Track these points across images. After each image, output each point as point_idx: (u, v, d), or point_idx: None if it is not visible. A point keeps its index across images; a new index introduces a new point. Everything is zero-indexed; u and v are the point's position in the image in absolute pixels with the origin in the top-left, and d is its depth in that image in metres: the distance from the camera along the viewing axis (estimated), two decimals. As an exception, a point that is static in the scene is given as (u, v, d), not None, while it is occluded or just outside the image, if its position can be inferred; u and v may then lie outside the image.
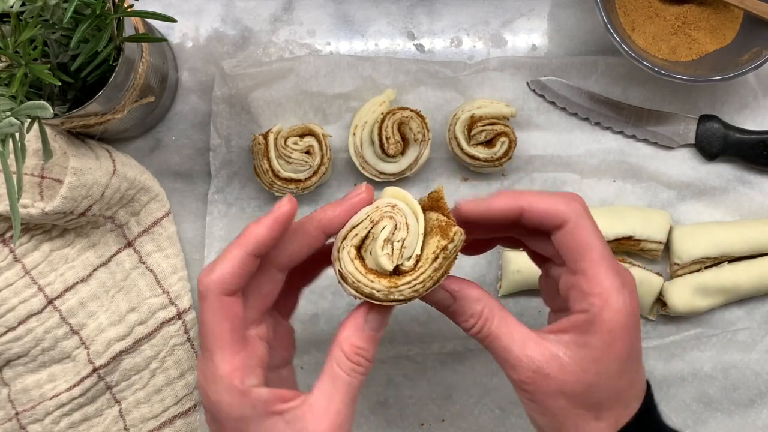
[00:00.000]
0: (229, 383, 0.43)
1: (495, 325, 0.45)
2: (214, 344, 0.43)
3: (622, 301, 0.44)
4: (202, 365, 0.44)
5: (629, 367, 0.45)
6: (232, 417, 0.43)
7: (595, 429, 0.44)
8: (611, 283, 0.44)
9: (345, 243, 0.46)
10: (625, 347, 0.44)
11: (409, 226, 0.45)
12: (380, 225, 0.45)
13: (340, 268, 0.45)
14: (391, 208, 0.46)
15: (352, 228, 0.46)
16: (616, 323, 0.43)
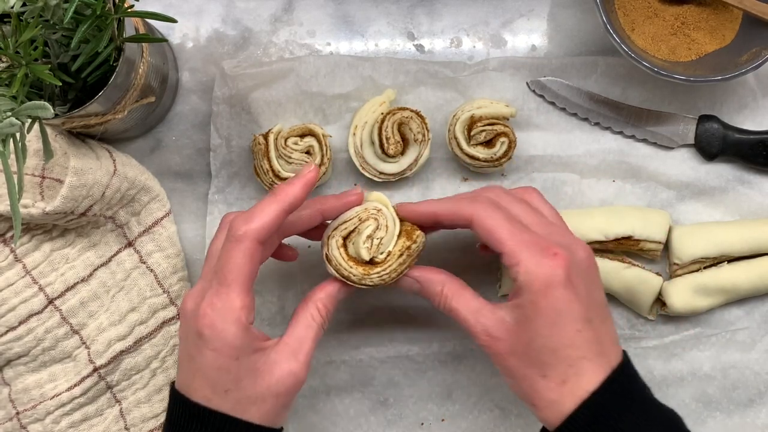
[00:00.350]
0: (238, 317, 0.51)
1: (454, 301, 0.54)
2: (235, 281, 0.51)
3: (534, 264, 0.50)
4: (215, 297, 0.51)
5: (562, 327, 0.49)
6: (231, 345, 0.50)
7: (544, 387, 0.50)
8: (526, 254, 0.50)
9: (335, 233, 0.58)
10: (550, 307, 0.49)
11: (388, 228, 0.57)
12: (366, 223, 0.57)
13: (327, 251, 0.57)
14: (377, 211, 0.58)
15: (343, 222, 0.58)
16: (537, 285, 0.49)
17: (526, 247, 0.50)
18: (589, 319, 0.50)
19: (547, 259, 0.50)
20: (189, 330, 0.52)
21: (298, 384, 0.53)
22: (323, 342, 0.68)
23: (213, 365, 0.51)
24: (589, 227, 0.65)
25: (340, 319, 0.68)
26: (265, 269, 0.68)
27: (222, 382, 0.51)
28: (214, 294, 0.51)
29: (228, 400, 0.51)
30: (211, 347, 0.50)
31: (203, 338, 0.51)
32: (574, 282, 0.50)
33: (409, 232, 0.58)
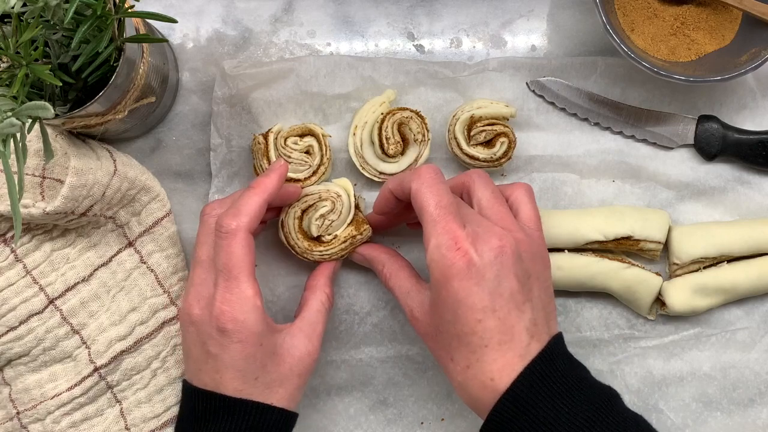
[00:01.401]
0: (254, 304, 0.54)
1: (391, 281, 0.60)
2: (242, 272, 0.54)
3: (438, 254, 0.51)
4: (227, 292, 0.54)
5: (461, 315, 0.51)
6: (255, 332, 0.54)
7: (452, 369, 0.53)
8: (434, 241, 0.52)
9: (297, 203, 0.64)
10: (450, 296, 0.51)
11: (341, 214, 0.64)
12: (323, 203, 0.64)
13: (284, 218, 0.64)
14: (337, 196, 0.64)
15: (306, 195, 0.64)
16: (437, 274, 0.51)
17: (440, 233, 0.52)
18: (492, 309, 0.50)
19: (450, 252, 0.51)
20: (205, 331, 0.55)
21: (314, 364, 0.58)
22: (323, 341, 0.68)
23: (241, 356, 0.54)
24: (588, 227, 0.65)
25: (340, 319, 0.68)
26: (266, 269, 0.68)
27: (251, 370, 0.54)
28: (225, 290, 0.54)
29: (257, 387, 0.55)
30: (236, 339, 0.54)
31: (227, 333, 0.54)
32: (480, 272, 0.50)
33: (359, 223, 0.64)
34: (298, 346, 0.57)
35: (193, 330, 0.56)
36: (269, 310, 0.68)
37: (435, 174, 0.55)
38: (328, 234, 0.64)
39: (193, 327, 0.56)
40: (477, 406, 0.52)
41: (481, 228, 0.52)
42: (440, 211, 0.52)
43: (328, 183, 0.66)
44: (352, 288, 0.68)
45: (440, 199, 0.53)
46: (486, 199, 0.56)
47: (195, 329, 0.56)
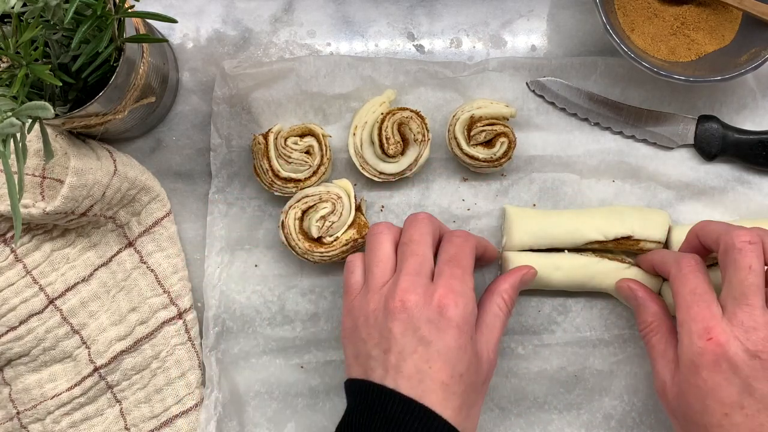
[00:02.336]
0: (473, 297, 0.56)
1: (655, 339, 0.58)
2: (468, 268, 0.56)
3: (689, 340, 0.52)
4: (453, 279, 0.55)
5: (711, 406, 0.51)
6: (471, 323, 0.55)
7: None
8: (687, 325, 0.53)
9: (297, 204, 0.64)
10: (700, 384, 0.51)
11: (341, 216, 0.64)
12: (323, 204, 0.64)
13: (284, 218, 0.64)
14: (338, 198, 0.64)
15: (306, 196, 0.64)
16: (687, 360, 0.52)
17: (692, 318, 0.52)
18: (741, 406, 0.50)
19: (701, 341, 0.51)
20: (421, 317, 0.53)
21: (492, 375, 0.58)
22: (323, 342, 0.68)
23: (455, 344, 0.53)
24: (588, 227, 0.65)
25: (340, 319, 0.68)
26: (266, 269, 0.68)
27: (460, 364, 0.53)
28: (451, 277, 0.55)
29: (461, 385, 0.53)
30: (454, 324, 0.53)
31: (446, 318, 0.53)
32: (732, 366, 0.51)
33: (361, 227, 0.64)
34: (485, 352, 0.56)
35: (404, 317, 0.53)
36: (268, 309, 0.68)
37: (696, 263, 0.56)
38: (329, 235, 0.64)
39: (405, 314, 0.53)
40: None
41: (746, 322, 0.51)
42: (694, 297, 0.53)
43: (328, 184, 0.66)
44: (352, 288, 0.68)
45: (697, 287, 0.54)
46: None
47: (407, 317, 0.53)
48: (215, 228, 0.68)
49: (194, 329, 0.68)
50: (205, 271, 0.68)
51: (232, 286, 0.68)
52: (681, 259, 0.57)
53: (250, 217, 0.69)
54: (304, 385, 0.68)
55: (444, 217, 0.68)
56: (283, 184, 0.66)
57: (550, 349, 0.68)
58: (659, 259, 0.61)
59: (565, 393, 0.67)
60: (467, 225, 0.68)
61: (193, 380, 0.67)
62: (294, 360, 0.68)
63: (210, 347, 0.67)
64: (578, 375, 0.67)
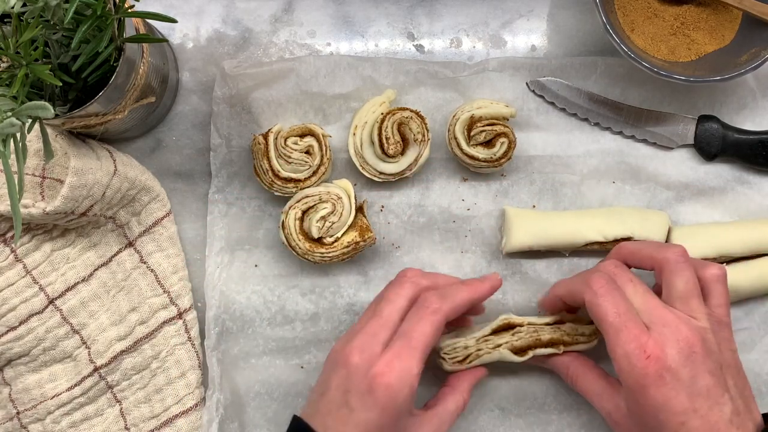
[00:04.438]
0: (413, 383, 0.54)
1: (579, 382, 0.60)
2: (419, 349, 0.54)
3: (627, 365, 0.52)
4: (396, 358, 0.53)
5: (664, 421, 0.52)
6: (400, 409, 0.53)
7: None
8: (621, 349, 0.53)
9: (297, 205, 0.64)
10: (648, 404, 0.52)
11: (341, 216, 0.64)
12: (323, 205, 0.64)
13: (284, 219, 0.64)
14: (338, 198, 0.64)
15: (306, 196, 0.64)
16: (632, 384, 0.53)
17: (625, 342, 0.53)
18: (693, 410, 0.51)
19: (640, 361, 0.52)
20: (354, 382, 0.53)
21: None
22: (323, 341, 0.68)
23: (375, 424, 0.52)
24: (588, 228, 0.65)
25: (340, 318, 0.68)
26: (266, 269, 0.68)
27: None
28: (396, 355, 0.53)
29: None
30: (381, 406, 0.52)
31: (374, 395, 0.52)
32: (674, 374, 0.51)
33: (363, 229, 0.65)
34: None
35: (343, 374, 0.54)
36: (268, 310, 0.68)
37: (606, 282, 0.56)
38: (329, 236, 0.64)
39: (344, 371, 0.54)
40: None
41: (666, 328, 0.53)
42: (620, 319, 0.53)
43: (328, 184, 0.66)
44: (352, 288, 0.68)
45: (617, 307, 0.54)
46: (680, 290, 0.55)
47: (346, 373, 0.54)
48: (215, 228, 0.68)
49: (194, 329, 0.68)
50: (205, 271, 0.68)
51: (232, 286, 0.68)
52: (590, 281, 0.56)
53: (250, 217, 0.69)
54: (304, 386, 0.68)
55: (444, 217, 0.68)
56: (283, 184, 0.66)
57: (550, 349, 0.68)
58: (565, 292, 0.61)
59: (565, 394, 0.67)
60: (467, 225, 0.68)
61: (193, 380, 0.67)
62: (294, 360, 0.68)
63: (211, 348, 0.67)
64: (578, 375, 0.68)
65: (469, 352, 0.60)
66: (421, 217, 0.69)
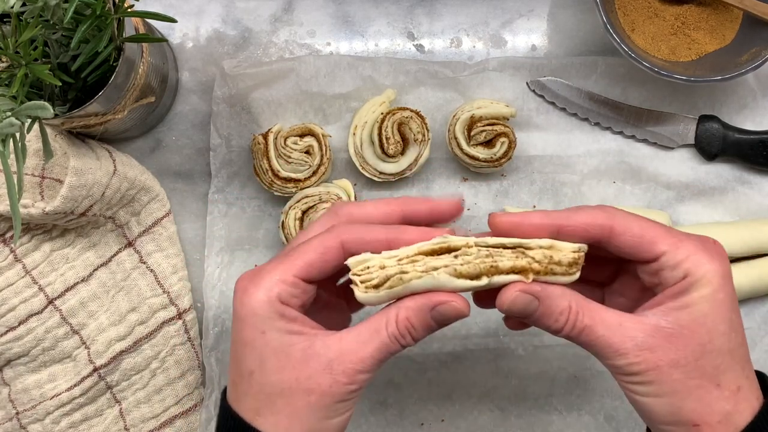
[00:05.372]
0: (269, 287, 0.44)
1: (587, 316, 0.44)
2: (291, 261, 0.44)
3: (707, 257, 0.43)
4: (261, 270, 0.45)
5: (736, 320, 0.44)
6: (256, 314, 0.44)
7: (717, 398, 0.43)
8: (691, 247, 0.43)
9: (297, 205, 0.64)
10: (728, 297, 0.43)
11: None
12: (323, 205, 0.64)
13: (284, 219, 0.64)
14: (338, 198, 0.64)
15: (305, 197, 0.64)
16: (715, 278, 0.43)
17: (686, 241, 0.44)
18: (738, 316, 0.45)
19: (715, 250, 0.44)
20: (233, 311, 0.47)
21: (339, 391, 0.43)
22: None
23: (241, 339, 0.45)
24: (589, 227, 0.65)
25: (340, 319, 0.68)
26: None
27: (248, 361, 0.44)
28: (267, 263, 0.46)
29: (252, 386, 0.44)
30: (238, 316, 0.45)
31: (235, 311, 0.45)
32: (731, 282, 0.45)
33: None
34: (321, 357, 0.44)
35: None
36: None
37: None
38: None
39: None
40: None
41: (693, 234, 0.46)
42: (659, 224, 0.45)
43: (328, 184, 0.66)
44: (351, 288, 0.68)
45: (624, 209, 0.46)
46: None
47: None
48: (215, 228, 0.68)
49: (194, 329, 0.68)
50: (205, 271, 0.68)
51: (231, 286, 0.68)
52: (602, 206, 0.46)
53: (250, 217, 0.69)
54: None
55: (444, 217, 0.68)
56: (283, 184, 0.66)
57: (550, 350, 0.67)
58: (582, 220, 0.45)
59: (565, 394, 0.67)
60: (468, 225, 0.68)
61: (193, 381, 0.67)
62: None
63: (210, 347, 0.67)
64: (579, 376, 0.67)
65: (389, 273, 0.43)
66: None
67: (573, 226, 0.45)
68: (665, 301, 0.44)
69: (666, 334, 0.43)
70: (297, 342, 0.44)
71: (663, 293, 0.44)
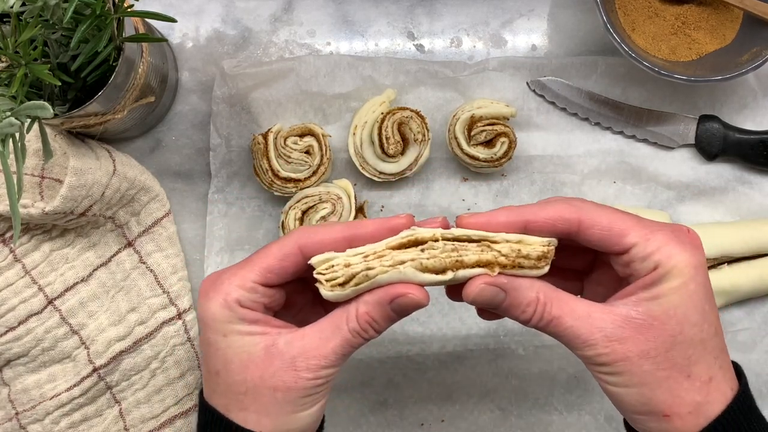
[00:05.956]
0: (228, 291, 0.45)
1: (555, 307, 0.44)
2: (251, 265, 0.46)
3: (679, 247, 0.43)
4: (222, 273, 0.46)
5: (709, 310, 0.43)
6: (215, 318, 0.45)
7: (687, 389, 0.43)
8: (662, 237, 0.43)
9: (297, 205, 0.65)
10: (700, 287, 0.43)
11: (341, 216, 0.64)
12: (323, 205, 0.64)
13: (284, 219, 0.64)
14: (338, 198, 0.64)
15: (305, 197, 0.64)
16: (686, 263, 0.42)
17: (658, 232, 0.44)
18: (712, 306, 0.44)
19: (688, 239, 0.44)
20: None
21: (304, 386, 0.45)
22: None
23: (206, 341, 0.46)
24: (589, 227, 0.65)
25: (340, 319, 0.68)
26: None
27: (213, 362, 0.46)
28: (223, 272, 0.47)
29: (220, 385, 0.46)
30: (201, 320, 0.46)
31: (199, 314, 0.47)
32: (705, 270, 0.44)
33: None
34: (284, 355, 0.45)
35: None
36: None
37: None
38: None
39: None
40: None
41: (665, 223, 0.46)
42: (629, 214, 0.45)
43: (328, 184, 0.66)
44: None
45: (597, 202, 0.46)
46: None
47: None
48: (215, 228, 0.68)
49: (194, 329, 0.68)
50: (205, 271, 0.68)
51: (231, 287, 0.68)
52: (570, 198, 0.47)
53: (250, 217, 0.69)
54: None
55: (444, 217, 0.68)
56: (283, 184, 0.65)
57: (550, 350, 0.67)
58: (549, 215, 0.45)
59: (566, 394, 0.67)
60: (467, 225, 0.68)
61: (193, 381, 0.67)
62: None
63: (209, 348, 0.67)
64: (579, 376, 0.67)
65: (354, 271, 0.43)
66: (422, 217, 0.68)
67: (540, 221, 0.45)
68: (636, 291, 0.44)
69: (636, 325, 0.43)
70: (260, 342, 0.45)
71: (635, 284, 0.44)
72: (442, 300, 0.68)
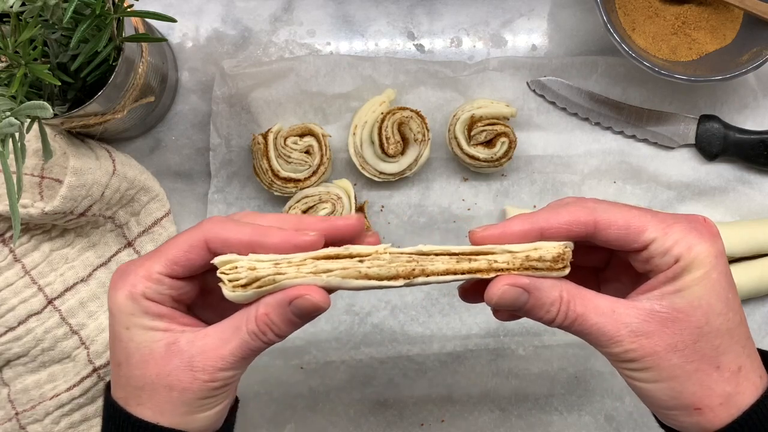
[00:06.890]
0: (133, 283, 0.44)
1: (579, 304, 0.43)
2: (166, 254, 0.44)
3: (697, 237, 0.42)
4: (132, 264, 0.45)
5: (733, 299, 0.43)
6: (120, 311, 0.44)
7: (717, 380, 0.42)
8: (680, 230, 0.43)
9: (297, 204, 0.65)
10: (722, 276, 0.42)
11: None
12: (323, 205, 0.64)
13: None
14: (337, 198, 0.64)
15: (306, 196, 0.64)
16: (707, 253, 0.42)
17: (675, 225, 0.43)
18: (735, 294, 0.44)
19: (705, 229, 0.43)
20: None
21: (200, 388, 0.43)
22: (323, 342, 0.67)
23: (112, 332, 0.45)
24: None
25: (340, 319, 0.68)
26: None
27: (116, 353, 0.45)
28: (131, 263, 0.45)
29: (121, 378, 0.45)
30: (109, 311, 0.45)
31: (108, 305, 0.46)
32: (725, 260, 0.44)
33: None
34: (183, 354, 0.44)
35: None
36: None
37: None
38: None
39: None
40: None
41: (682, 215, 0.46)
42: (645, 210, 0.45)
43: (328, 184, 0.66)
44: (352, 288, 0.68)
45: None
46: None
47: None
48: (215, 228, 0.68)
49: (194, 330, 0.67)
50: (205, 272, 0.68)
51: (231, 287, 0.68)
52: (583, 199, 0.47)
53: (250, 217, 0.68)
54: (303, 386, 0.68)
55: (444, 217, 0.68)
56: (283, 184, 0.65)
57: (550, 350, 0.67)
58: (565, 220, 0.44)
59: (566, 394, 0.67)
60: (468, 225, 0.68)
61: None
62: (294, 361, 0.68)
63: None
64: (579, 376, 0.67)
65: (260, 275, 0.42)
66: (422, 217, 0.68)
67: (555, 228, 0.44)
68: (659, 285, 0.43)
69: (661, 319, 0.42)
70: (161, 338, 0.44)
71: (656, 278, 0.43)
72: (443, 300, 0.68)
